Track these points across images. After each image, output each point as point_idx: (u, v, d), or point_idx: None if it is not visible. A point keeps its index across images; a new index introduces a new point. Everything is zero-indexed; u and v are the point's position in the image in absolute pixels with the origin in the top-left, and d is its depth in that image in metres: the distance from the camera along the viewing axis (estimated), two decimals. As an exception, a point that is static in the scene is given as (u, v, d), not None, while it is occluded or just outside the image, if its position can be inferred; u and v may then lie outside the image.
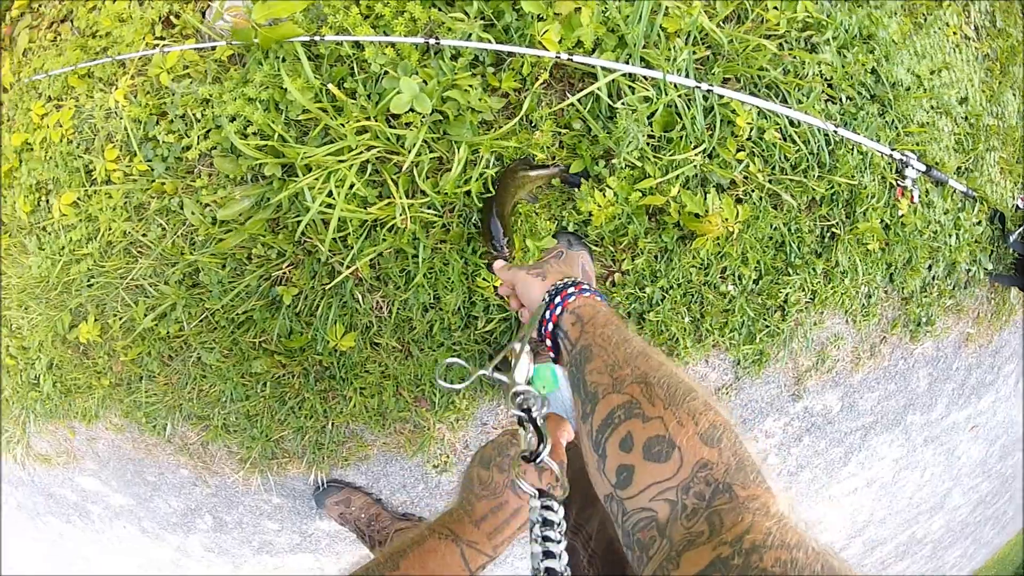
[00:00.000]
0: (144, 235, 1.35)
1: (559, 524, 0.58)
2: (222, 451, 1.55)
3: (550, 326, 0.73)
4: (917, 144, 1.50)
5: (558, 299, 0.73)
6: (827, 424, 1.69)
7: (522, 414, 0.65)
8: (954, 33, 1.77)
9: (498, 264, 1.02)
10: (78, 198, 1.42)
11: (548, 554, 0.55)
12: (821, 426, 1.69)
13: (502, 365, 0.73)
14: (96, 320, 1.46)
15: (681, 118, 1.22)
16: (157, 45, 1.32)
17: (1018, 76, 1.89)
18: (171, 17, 1.37)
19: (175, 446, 1.58)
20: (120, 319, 1.41)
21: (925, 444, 2.04)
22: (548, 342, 0.74)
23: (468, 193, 1.18)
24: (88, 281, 1.43)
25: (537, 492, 0.61)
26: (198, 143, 1.27)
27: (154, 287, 1.36)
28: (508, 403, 0.67)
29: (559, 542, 0.56)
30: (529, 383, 0.69)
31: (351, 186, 1.17)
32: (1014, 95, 1.88)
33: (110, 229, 1.37)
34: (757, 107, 1.27)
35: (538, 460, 0.61)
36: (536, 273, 0.80)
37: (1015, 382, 2.21)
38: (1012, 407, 2.32)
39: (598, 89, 1.18)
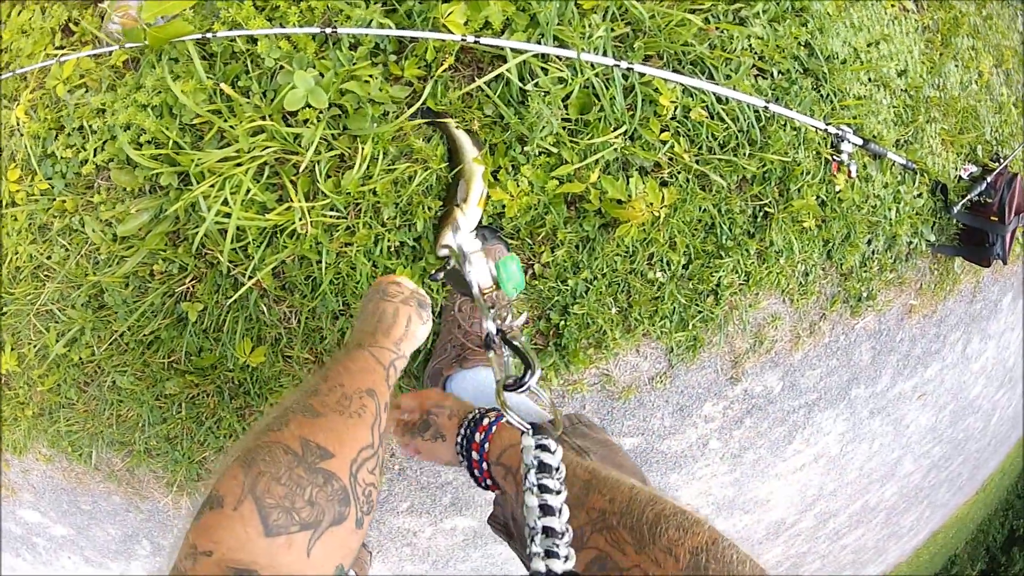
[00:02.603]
0: (49, 257, 1.28)
1: (557, 469, 0.50)
2: (148, 476, 1.50)
3: (487, 481, 0.65)
4: (854, 118, 1.45)
5: (475, 454, 0.65)
6: (768, 404, 1.68)
7: (494, 332, 0.56)
8: (892, 5, 1.72)
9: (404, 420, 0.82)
10: (-18, 226, 1.33)
11: (546, 509, 0.47)
12: (763, 407, 1.67)
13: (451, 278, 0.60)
14: (12, 349, 1.40)
15: (599, 99, 1.15)
16: (55, 56, 1.22)
17: (961, 47, 1.85)
18: (70, 24, 1.27)
19: (103, 473, 1.53)
20: (34, 347, 1.35)
21: (872, 416, 2.05)
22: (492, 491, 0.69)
23: (374, 191, 1.10)
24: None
25: (531, 428, 0.52)
26: (94, 156, 1.19)
27: (62, 311, 1.30)
28: (475, 308, 0.56)
29: (558, 492, 0.49)
30: (496, 284, 0.59)
31: (247, 192, 1.08)
32: (956, 66, 1.84)
33: (16, 253, 1.31)
34: (682, 84, 1.21)
35: (522, 388, 0.52)
36: (431, 435, 0.71)
37: (961, 349, 2.24)
38: (960, 373, 2.36)
39: (507, 71, 1.11)
